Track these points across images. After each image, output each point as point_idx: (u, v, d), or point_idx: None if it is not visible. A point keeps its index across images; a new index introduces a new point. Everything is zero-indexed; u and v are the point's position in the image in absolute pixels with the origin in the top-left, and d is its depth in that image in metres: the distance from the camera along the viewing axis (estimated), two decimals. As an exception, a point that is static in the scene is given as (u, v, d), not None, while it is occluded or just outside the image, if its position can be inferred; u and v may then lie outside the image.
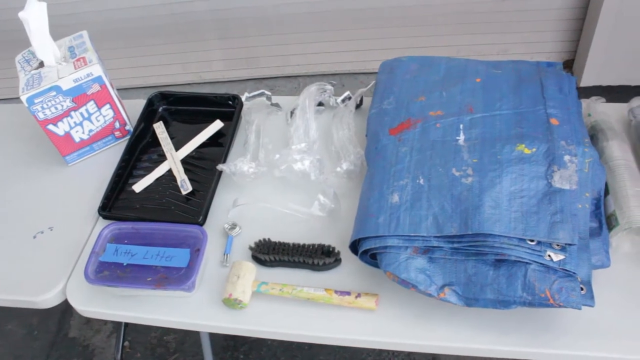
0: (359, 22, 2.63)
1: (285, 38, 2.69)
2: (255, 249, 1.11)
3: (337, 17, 2.61)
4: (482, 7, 2.55)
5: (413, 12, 2.58)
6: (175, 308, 1.08)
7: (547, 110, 1.09)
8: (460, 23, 2.62)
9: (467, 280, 0.94)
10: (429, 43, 2.67)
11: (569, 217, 0.94)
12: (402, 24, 2.63)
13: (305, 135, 1.26)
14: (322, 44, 2.71)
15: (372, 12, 2.58)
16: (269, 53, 2.75)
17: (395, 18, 2.60)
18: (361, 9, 2.57)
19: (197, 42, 2.72)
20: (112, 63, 2.72)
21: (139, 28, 2.65)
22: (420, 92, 1.18)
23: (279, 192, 1.22)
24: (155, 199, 1.26)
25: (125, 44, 2.72)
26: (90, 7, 2.56)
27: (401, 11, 2.57)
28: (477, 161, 1.02)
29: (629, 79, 2.57)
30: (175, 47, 2.74)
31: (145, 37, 2.69)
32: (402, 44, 2.65)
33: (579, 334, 0.97)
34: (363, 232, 1.00)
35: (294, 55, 2.75)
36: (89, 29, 1.40)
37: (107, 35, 2.65)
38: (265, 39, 2.69)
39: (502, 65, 1.25)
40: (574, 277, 0.91)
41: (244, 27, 2.65)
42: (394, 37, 2.66)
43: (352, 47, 2.71)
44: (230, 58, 2.80)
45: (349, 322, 1.01)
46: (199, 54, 2.78)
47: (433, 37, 2.66)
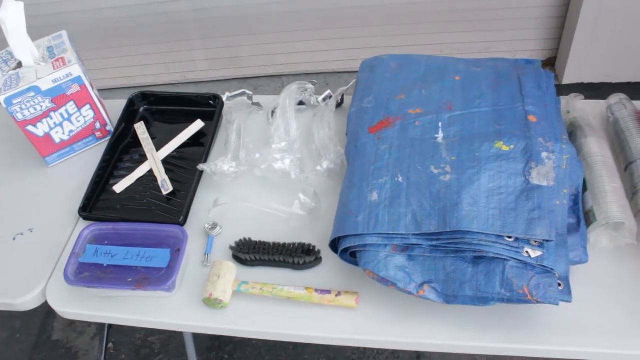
0: (343, 21, 2.63)
1: (269, 37, 2.69)
2: (235, 249, 1.10)
3: (320, 16, 2.61)
4: (464, 5, 2.57)
5: (396, 11, 2.58)
6: (156, 308, 1.08)
7: (525, 107, 1.10)
8: (443, 21, 2.63)
9: (446, 278, 0.95)
10: (413, 42, 2.68)
11: (547, 213, 0.94)
12: (385, 23, 2.63)
13: (286, 134, 1.25)
14: (306, 43, 2.71)
15: (356, 11, 2.59)
16: (253, 52, 2.75)
17: (379, 17, 2.61)
18: (344, 8, 2.58)
19: (181, 42, 2.71)
20: (96, 63, 2.72)
21: (122, 28, 2.64)
22: (400, 91, 1.18)
23: (259, 191, 1.22)
24: (136, 199, 1.26)
25: (109, 44, 2.70)
26: (74, 7, 2.55)
27: (384, 10, 2.58)
28: (455, 159, 1.02)
29: (610, 76, 2.59)
30: (158, 47, 2.73)
31: (129, 37, 2.67)
32: (385, 43, 2.66)
33: (558, 329, 0.98)
34: (342, 230, 1.00)
35: (278, 55, 2.75)
36: (72, 29, 1.39)
37: (91, 36, 2.64)
38: (249, 38, 2.69)
39: (481, 63, 1.25)
40: (551, 273, 0.92)
41: (227, 26, 2.65)
42: (378, 35, 2.66)
43: (336, 46, 2.71)
44: (213, 58, 2.79)
45: (329, 320, 1.01)
46: (182, 54, 2.77)
47: (417, 36, 2.67)
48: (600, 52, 2.52)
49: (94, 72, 2.70)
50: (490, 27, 2.65)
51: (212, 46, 2.75)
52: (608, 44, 2.48)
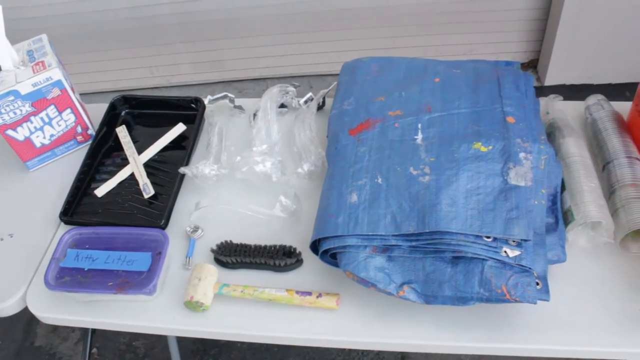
0: (326, 24, 2.64)
1: (252, 41, 2.69)
2: (217, 251, 1.10)
3: (304, 19, 2.62)
4: (448, 8, 2.58)
5: (380, 14, 2.60)
6: (138, 312, 1.07)
7: (503, 108, 1.11)
8: (427, 24, 2.64)
9: (425, 278, 0.95)
10: (397, 44, 2.69)
11: (525, 213, 0.95)
12: (369, 25, 2.64)
13: (267, 137, 1.26)
14: (290, 46, 2.72)
15: (339, 14, 2.60)
16: (236, 56, 2.75)
17: (362, 19, 2.62)
18: (328, 11, 2.58)
19: (164, 45, 2.71)
20: (79, 67, 2.71)
21: (105, 32, 2.63)
22: (380, 93, 1.19)
23: (241, 194, 1.22)
24: (118, 203, 1.25)
25: (92, 48, 2.69)
26: (55, 11, 2.54)
27: (368, 12, 2.59)
28: (434, 160, 1.03)
29: (591, 77, 2.62)
30: (142, 51, 2.73)
31: (112, 41, 2.67)
32: (369, 45, 2.67)
33: (537, 327, 0.98)
34: (323, 232, 1.00)
35: (262, 58, 2.75)
36: (54, 33, 1.39)
37: (74, 40, 2.63)
38: (232, 41, 2.69)
39: (461, 64, 1.26)
40: (529, 273, 0.93)
41: (210, 30, 2.65)
42: (362, 38, 2.67)
43: (320, 48, 2.72)
44: (197, 61, 2.79)
45: (310, 322, 1.02)
46: (166, 58, 2.76)
47: (401, 38, 2.68)
48: (582, 54, 2.54)
49: (77, 76, 2.71)
50: (473, 30, 2.67)
51: (195, 49, 2.75)
52: (589, 46, 2.51)
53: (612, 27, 2.41)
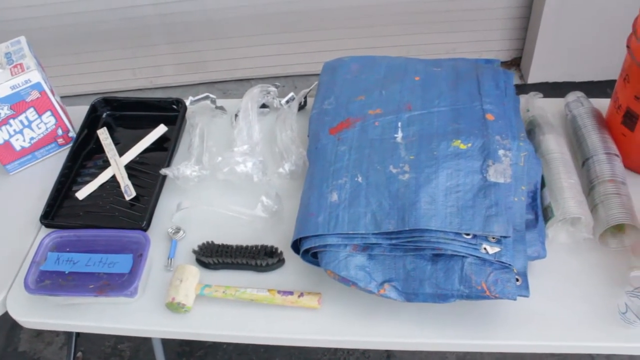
0: (309, 24, 2.64)
1: (235, 41, 2.68)
2: (198, 252, 1.10)
3: (286, 20, 2.61)
4: (431, 7, 2.59)
5: (363, 13, 2.60)
6: (120, 314, 1.07)
7: (483, 106, 1.11)
8: (410, 23, 2.65)
9: (406, 276, 0.95)
10: (380, 43, 2.69)
11: (504, 210, 0.96)
12: (352, 25, 2.65)
13: (248, 137, 1.26)
14: (273, 47, 2.71)
15: (322, 14, 2.60)
16: (219, 57, 2.74)
17: (345, 19, 2.62)
18: (310, 11, 2.58)
19: (147, 47, 2.69)
20: (61, 70, 2.70)
21: (86, 34, 2.61)
22: (361, 92, 1.19)
23: (222, 194, 1.22)
24: (99, 205, 1.25)
25: (74, 50, 2.68)
26: (35, 13, 2.52)
27: (351, 12, 2.59)
28: (414, 158, 1.03)
29: (574, 75, 2.64)
30: (124, 53, 2.71)
31: (94, 43, 2.65)
32: (352, 45, 2.67)
33: (518, 323, 0.99)
34: (303, 231, 1.00)
35: (245, 59, 2.75)
36: (35, 35, 1.38)
37: (56, 42, 2.61)
38: (215, 42, 2.69)
39: (441, 63, 1.27)
40: (509, 269, 0.93)
41: (192, 31, 2.64)
42: (345, 38, 2.68)
43: (303, 49, 2.72)
44: (180, 63, 2.78)
45: (292, 321, 1.02)
46: (149, 59, 2.75)
47: (384, 38, 2.69)
48: (563, 52, 2.56)
49: (59, 79, 2.70)
50: (456, 29, 2.68)
51: (178, 51, 2.74)
52: (570, 44, 2.53)
53: (593, 25, 2.43)
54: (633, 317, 0.96)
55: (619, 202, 1.07)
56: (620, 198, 1.08)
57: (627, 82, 1.14)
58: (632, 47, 1.11)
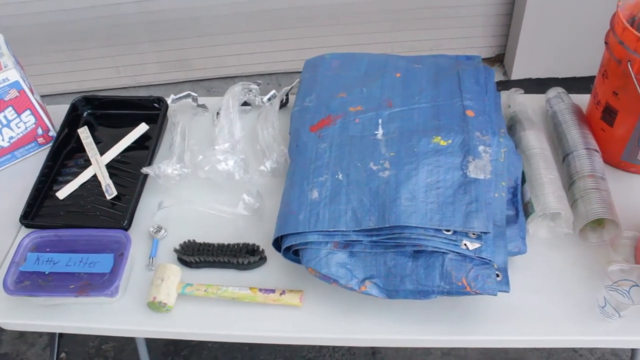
0: (294, 21, 2.63)
1: (219, 39, 2.67)
2: (180, 251, 1.10)
3: (271, 17, 2.61)
4: (414, 4, 2.59)
5: (347, 10, 2.60)
6: (101, 314, 1.06)
7: (463, 102, 1.12)
8: (394, 20, 2.65)
9: (387, 273, 0.95)
10: (364, 40, 2.69)
11: (484, 206, 0.96)
12: (336, 22, 2.64)
13: (229, 135, 1.25)
14: (257, 44, 2.70)
15: (306, 11, 2.59)
16: (204, 54, 2.73)
17: (330, 16, 2.62)
18: (295, 8, 2.58)
19: (130, 45, 2.67)
20: (44, 68, 2.67)
21: (68, 32, 2.59)
22: (341, 89, 1.19)
23: (204, 193, 1.21)
24: (80, 205, 1.24)
25: (56, 48, 2.65)
26: (14, 10, 2.49)
27: (335, 9, 2.59)
28: (394, 155, 1.03)
29: (557, 71, 2.65)
30: (108, 51, 2.69)
31: (76, 41, 2.63)
32: (336, 42, 2.66)
33: (499, 319, 1.00)
34: (284, 229, 1.00)
35: (229, 56, 2.74)
36: (16, 33, 1.36)
37: (38, 40, 2.59)
38: (199, 40, 2.67)
39: (422, 59, 1.27)
40: (490, 265, 0.94)
41: (176, 29, 2.62)
42: (329, 35, 2.67)
43: (288, 46, 2.71)
44: (164, 61, 2.76)
45: (274, 319, 1.02)
46: (132, 57, 2.73)
47: (367, 35, 2.69)
48: (546, 49, 2.57)
49: (42, 77, 2.68)
50: (439, 25, 2.68)
51: (162, 49, 2.72)
52: (553, 41, 2.54)
53: (575, 22, 2.44)
54: (612, 311, 0.96)
55: (599, 197, 1.08)
56: (600, 193, 1.09)
57: (605, 78, 1.15)
58: (610, 44, 1.12)
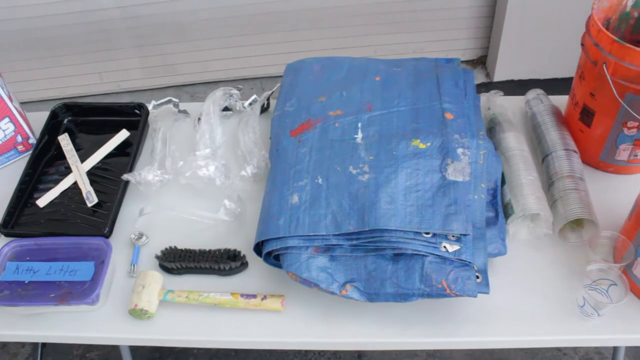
0: (277, 25, 2.63)
1: (203, 44, 2.67)
2: (161, 258, 1.09)
3: (255, 21, 2.61)
4: (397, 7, 2.60)
5: (330, 14, 2.60)
6: (83, 323, 1.06)
7: (442, 105, 1.12)
8: (376, 23, 2.65)
9: (367, 276, 0.96)
10: (347, 44, 2.70)
11: (463, 208, 0.97)
12: (319, 26, 2.65)
13: (211, 140, 1.25)
14: (241, 49, 2.70)
15: (290, 15, 2.59)
16: (187, 59, 2.72)
17: (313, 20, 2.62)
18: (277, 13, 2.58)
19: (113, 50, 2.66)
20: (25, 75, 2.65)
21: (50, 38, 2.57)
22: (322, 93, 1.19)
23: (185, 199, 1.21)
24: (61, 212, 1.23)
25: (38, 54, 2.63)
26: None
27: (318, 13, 2.59)
28: (373, 158, 1.04)
29: (539, 72, 2.67)
30: (90, 57, 2.68)
31: (58, 47, 2.61)
32: (320, 46, 2.67)
33: (481, 320, 1.00)
34: (265, 234, 1.00)
35: (213, 61, 2.73)
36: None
37: (18, 46, 2.57)
38: (183, 45, 2.66)
39: (402, 63, 1.27)
40: (469, 267, 0.94)
41: (160, 34, 2.62)
42: (313, 39, 2.68)
43: (271, 50, 2.71)
44: (148, 66, 2.75)
45: (256, 324, 1.02)
46: (115, 63, 2.72)
47: (351, 38, 2.69)
48: (528, 50, 2.59)
49: (24, 84, 2.66)
50: (422, 28, 2.69)
51: (146, 54, 2.72)
52: (534, 42, 2.56)
53: (556, 23, 2.46)
54: (590, 310, 0.97)
55: (577, 197, 1.09)
56: (579, 193, 1.10)
57: (582, 80, 1.16)
58: (586, 46, 1.13)
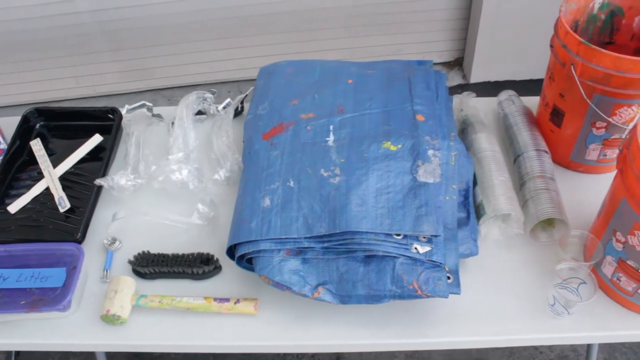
0: (255, 29, 2.63)
1: (180, 47, 2.66)
2: (134, 262, 1.09)
3: (232, 24, 2.60)
4: (373, 9, 2.61)
5: (308, 17, 2.60)
6: (55, 330, 1.05)
7: (413, 107, 1.13)
8: (354, 26, 2.66)
9: (339, 278, 0.96)
10: (325, 46, 2.70)
11: (434, 209, 0.97)
12: (297, 29, 2.65)
13: (184, 144, 1.25)
14: (218, 52, 2.70)
15: (267, 18, 2.59)
16: (165, 63, 2.71)
17: (291, 23, 2.62)
18: (256, 15, 2.58)
19: (89, 54, 2.64)
20: (0, 79, 2.63)
21: (24, 42, 2.55)
22: (294, 96, 1.19)
23: (159, 203, 1.20)
24: (33, 218, 1.22)
25: (12, 58, 2.61)
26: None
27: (295, 16, 2.60)
28: (344, 161, 1.04)
29: (514, 74, 2.69)
30: (65, 61, 2.65)
31: (32, 51, 2.59)
32: (298, 49, 2.67)
33: (452, 320, 1.01)
34: (237, 237, 1.00)
35: (190, 65, 2.72)
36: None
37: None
38: (159, 49, 2.65)
39: (375, 65, 1.28)
40: (441, 267, 0.95)
41: (136, 37, 2.60)
42: (290, 42, 2.68)
43: (249, 53, 2.71)
44: (125, 70, 2.74)
45: (229, 328, 1.01)
46: (91, 67, 2.70)
47: (328, 41, 2.70)
48: (503, 52, 2.61)
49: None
50: (399, 30, 2.71)
51: (122, 58, 2.70)
52: (509, 44, 2.58)
53: (530, 25, 2.49)
54: (561, 309, 0.98)
55: (548, 197, 1.11)
56: (549, 193, 1.11)
57: (552, 81, 1.18)
58: (554, 47, 1.14)
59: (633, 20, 1.17)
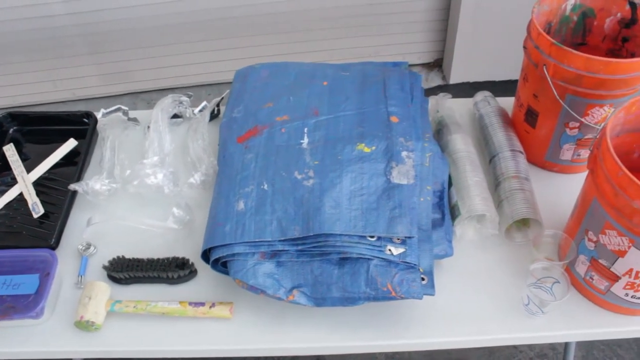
0: (234, 31, 2.62)
1: (159, 50, 2.64)
2: (109, 268, 1.08)
3: (212, 27, 2.59)
4: (352, 11, 2.61)
5: (286, 19, 2.60)
6: (28, 337, 1.03)
7: (388, 108, 1.13)
8: (333, 28, 2.67)
9: (314, 281, 0.96)
10: (304, 48, 2.70)
11: (407, 211, 0.97)
12: (276, 31, 2.65)
13: (159, 148, 1.24)
14: (198, 55, 2.69)
15: (245, 21, 2.59)
16: (143, 66, 2.70)
17: (270, 25, 2.62)
18: (233, 18, 2.57)
19: (67, 58, 2.62)
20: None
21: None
22: (269, 99, 1.19)
23: (134, 207, 1.20)
24: (6, 224, 1.21)
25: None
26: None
27: (274, 18, 2.59)
28: (318, 163, 1.04)
29: (493, 75, 2.71)
30: (43, 64, 2.63)
31: (8, 54, 2.56)
32: (276, 51, 2.67)
33: (428, 321, 1.01)
34: (212, 241, 0.99)
35: (169, 67, 2.71)
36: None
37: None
38: (138, 52, 2.64)
39: (350, 67, 1.28)
40: (415, 269, 0.95)
41: (114, 41, 2.59)
42: (269, 44, 2.67)
43: (229, 56, 2.70)
44: (104, 73, 2.72)
45: (205, 333, 1.01)
46: (70, 70, 2.68)
47: (307, 43, 2.70)
48: (482, 53, 2.62)
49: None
50: (378, 32, 2.71)
51: (101, 61, 2.68)
52: (487, 45, 2.60)
53: (508, 26, 2.50)
54: (535, 308, 0.99)
55: (523, 197, 1.11)
56: (524, 193, 1.12)
57: (526, 82, 1.18)
58: (527, 48, 1.15)
59: (604, 22, 1.18)
